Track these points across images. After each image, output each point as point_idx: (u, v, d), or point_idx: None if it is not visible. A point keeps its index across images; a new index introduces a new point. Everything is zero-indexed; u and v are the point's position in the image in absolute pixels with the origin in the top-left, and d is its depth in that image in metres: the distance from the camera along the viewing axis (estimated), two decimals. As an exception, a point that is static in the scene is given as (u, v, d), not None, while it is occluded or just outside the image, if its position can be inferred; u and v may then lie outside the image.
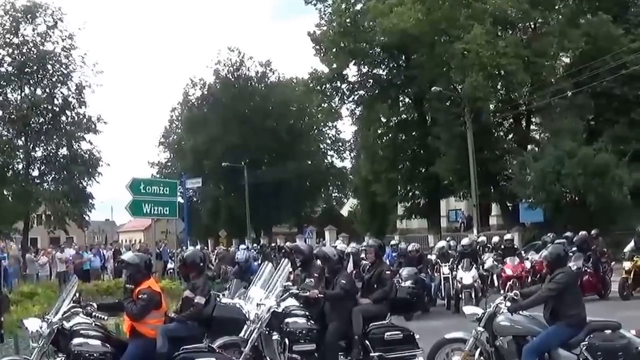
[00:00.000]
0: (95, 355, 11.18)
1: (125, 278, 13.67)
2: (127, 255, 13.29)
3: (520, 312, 11.95)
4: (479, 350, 12.02)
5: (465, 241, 26.55)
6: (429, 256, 28.61)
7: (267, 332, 12.75)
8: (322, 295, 13.49)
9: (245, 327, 12.68)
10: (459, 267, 24.29)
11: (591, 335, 11.33)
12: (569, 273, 12.13)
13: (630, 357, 11.10)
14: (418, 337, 13.62)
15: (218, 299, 13.68)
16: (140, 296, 11.54)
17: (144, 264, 12.24)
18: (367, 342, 13.27)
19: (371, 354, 13.20)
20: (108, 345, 11.43)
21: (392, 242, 34.82)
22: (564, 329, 11.44)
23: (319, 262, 14.88)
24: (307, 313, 13.45)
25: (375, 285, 14.24)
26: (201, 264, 13.39)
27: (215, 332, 12.69)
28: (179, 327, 12.13)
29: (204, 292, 12.60)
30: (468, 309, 13.37)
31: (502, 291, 22.68)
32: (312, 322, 13.29)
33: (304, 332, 13.03)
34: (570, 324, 11.44)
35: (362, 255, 22.61)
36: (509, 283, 24.71)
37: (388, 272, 14.71)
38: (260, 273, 14.51)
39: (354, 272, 20.69)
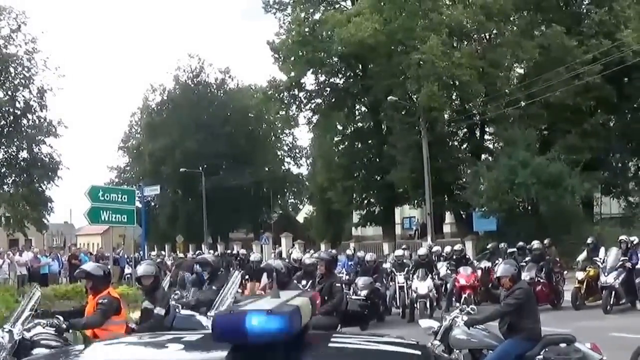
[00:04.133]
0: None
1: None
2: (89, 266, 12.91)
3: (477, 326, 11.76)
4: None
5: (421, 251, 26.37)
6: (384, 264, 28.22)
7: None
8: None
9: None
10: (414, 276, 24.08)
11: (546, 349, 11.21)
12: (526, 289, 12.07)
13: None
14: None
15: (177, 310, 13.03)
16: (100, 301, 11.21)
17: (104, 273, 11.96)
18: None
19: None
20: None
21: (348, 252, 34.32)
22: (519, 343, 11.28)
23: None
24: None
25: (326, 298, 14.05)
26: (157, 275, 12.89)
27: None
28: None
29: (164, 303, 12.18)
30: (424, 322, 13.31)
31: (457, 303, 22.15)
32: None
33: None
34: (526, 337, 11.30)
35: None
36: (464, 295, 24.26)
37: (338, 285, 14.64)
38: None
39: (310, 281, 20.24)
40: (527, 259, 25.77)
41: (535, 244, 26.35)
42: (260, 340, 3.91)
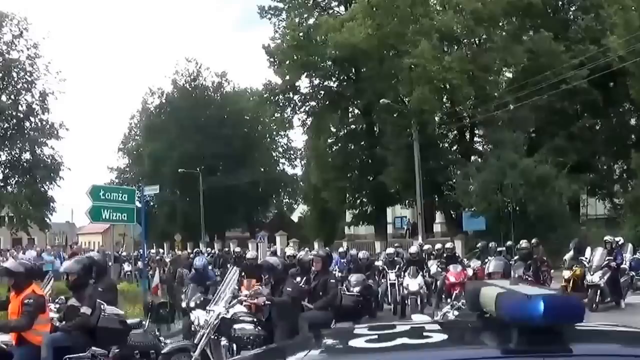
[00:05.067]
0: None
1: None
2: (10, 263, 12.73)
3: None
4: None
5: (413, 249, 26.36)
6: (375, 262, 28.16)
7: (215, 338, 12.34)
8: (269, 303, 13.33)
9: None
10: (406, 274, 24.08)
11: None
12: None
13: None
14: None
15: (103, 307, 12.86)
16: (25, 302, 10.88)
17: (27, 270, 11.66)
18: None
19: None
20: None
21: (340, 250, 34.29)
22: None
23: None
24: (254, 319, 13.19)
25: (320, 293, 14.26)
26: (83, 274, 12.47)
27: (99, 342, 11.79)
28: (64, 336, 11.44)
29: (91, 302, 11.83)
30: (416, 317, 12.85)
31: (448, 299, 22.12)
32: (260, 328, 13.04)
33: (251, 337, 12.69)
34: None
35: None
36: (454, 292, 24.20)
37: (333, 281, 14.74)
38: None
39: (305, 278, 20.22)
40: (515, 257, 25.77)
41: (523, 243, 26.30)
42: (551, 323, 4.16)
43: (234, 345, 12.45)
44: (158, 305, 13.78)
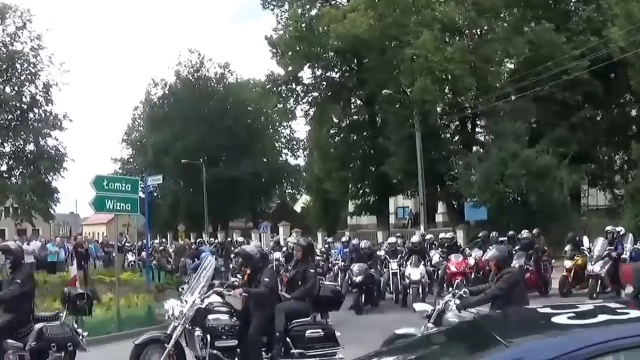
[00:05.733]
0: None
1: None
2: None
3: (468, 309, 11.86)
4: None
5: (414, 239, 26.50)
6: (378, 252, 28.25)
7: (190, 328, 12.55)
8: (246, 294, 13.15)
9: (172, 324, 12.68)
10: (408, 263, 24.23)
11: None
12: (515, 273, 12.26)
13: None
14: (339, 334, 13.35)
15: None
16: None
17: None
18: (288, 339, 12.98)
19: (292, 351, 12.93)
20: None
21: (343, 239, 34.37)
22: None
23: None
24: (230, 309, 13.08)
25: (299, 283, 13.92)
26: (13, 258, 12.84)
27: None
28: None
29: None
30: (418, 306, 13.38)
31: (449, 288, 22.24)
32: (235, 318, 12.89)
33: (226, 328, 12.61)
34: None
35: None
36: (456, 281, 24.38)
37: (312, 271, 14.29)
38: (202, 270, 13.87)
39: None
40: (516, 247, 25.87)
41: (525, 233, 26.47)
42: None
43: (208, 336, 12.36)
44: (75, 297, 13.55)
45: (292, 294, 13.71)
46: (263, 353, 12.79)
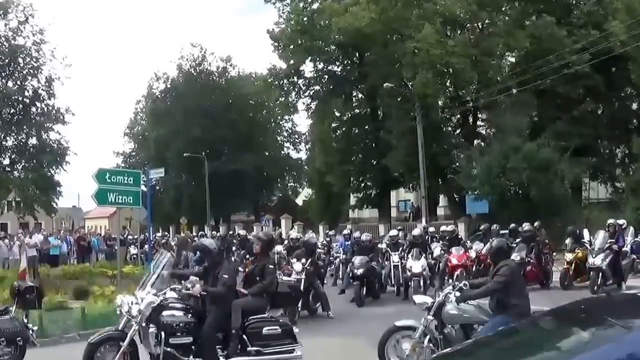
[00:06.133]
0: None
1: None
2: None
3: (468, 301, 11.95)
4: (428, 337, 11.94)
5: (416, 231, 26.53)
6: (379, 245, 28.25)
7: (144, 325, 12.07)
8: (205, 292, 12.58)
9: (124, 320, 12.24)
10: (409, 256, 24.27)
11: None
12: (512, 266, 12.24)
13: None
14: (297, 331, 13.01)
15: None
16: None
17: None
18: (245, 336, 12.59)
19: (249, 349, 12.53)
20: None
21: (345, 232, 34.41)
22: (509, 319, 11.13)
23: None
24: (185, 305, 12.57)
25: (257, 278, 13.58)
26: None
27: None
28: None
29: None
30: (418, 298, 13.29)
31: (450, 280, 22.28)
32: (190, 314, 12.42)
33: (180, 325, 12.18)
34: (515, 314, 11.25)
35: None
36: (456, 273, 24.41)
37: (271, 267, 14.05)
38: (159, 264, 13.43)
39: (310, 259, 20.26)
40: (517, 240, 25.88)
41: (526, 226, 26.45)
42: None
43: (162, 333, 11.99)
44: (25, 290, 13.41)
45: (250, 290, 13.37)
46: (219, 350, 12.47)
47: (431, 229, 32.52)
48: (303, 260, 20.19)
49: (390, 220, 59.21)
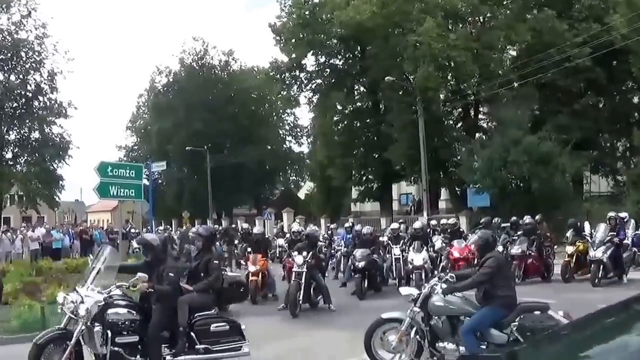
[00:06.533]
0: None
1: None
2: None
3: (454, 293, 11.96)
4: (414, 329, 12.00)
5: (417, 224, 26.48)
6: (380, 238, 28.22)
7: (89, 324, 11.43)
8: (152, 290, 12.01)
9: (66, 318, 11.58)
10: (410, 248, 24.26)
11: (521, 316, 11.39)
12: (498, 257, 12.24)
13: None
14: (244, 327, 12.61)
15: None
16: None
17: None
18: (192, 333, 12.22)
19: (197, 346, 12.18)
20: None
21: (346, 225, 34.41)
22: (496, 310, 11.51)
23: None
24: (130, 302, 12.12)
25: (202, 274, 13.13)
26: None
27: None
28: None
29: None
30: (404, 290, 13.29)
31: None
32: (135, 312, 11.88)
33: (126, 323, 11.66)
34: (501, 305, 11.51)
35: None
36: (458, 266, 24.42)
37: (216, 262, 13.48)
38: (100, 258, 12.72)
39: (311, 252, 20.22)
40: (518, 233, 25.88)
41: (527, 218, 26.40)
42: None
43: (109, 332, 11.41)
44: None
45: (195, 286, 12.90)
46: (166, 349, 12.06)
47: (433, 222, 32.53)
48: (304, 253, 20.13)
49: (392, 214, 59.14)
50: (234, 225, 51.16)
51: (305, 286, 19.33)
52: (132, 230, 48.42)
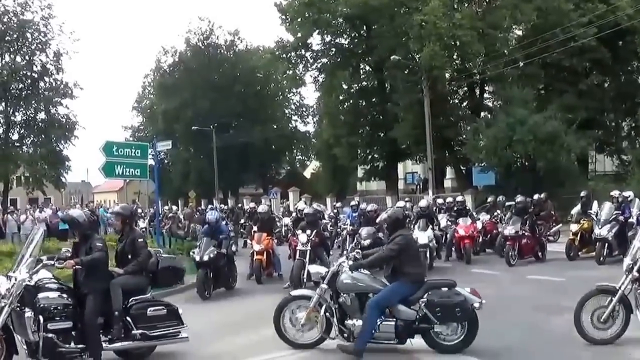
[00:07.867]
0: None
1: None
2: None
3: (362, 270, 12.01)
4: (324, 307, 11.96)
5: (422, 203, 26.34)
6: (385, 215, 28.10)
7: (18, 309, 10.63)
8: (79, 266, 11.27)
9: None
10: (416, 227, 24.08)
11: (429, 293, 11.53)
12: (406, 235, 12.42)
13: (465, 312, 11.38)
14: (182, 312, 12.13)
15: None
16: None
17: None
18: (128, 318, 11.54)
19: (133, 332, 11.50)
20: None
21: (352, 203, 34.44)
22: (404, 286, 11.65)
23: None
24: (61, 286, 11.26)
25: (129, 256, 12.20)
26: None
27: None
28: None
29: None
30: (313, 268, 13.55)
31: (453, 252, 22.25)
32: (67, 296, 11.06)
33: (59, 308, 10.84)
34: (410, 281, 11.67)
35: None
36: (464, 245, 24.44)
37: (141, 241, 12.54)
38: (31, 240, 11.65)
39: (315, 231, 20.19)
40: (512, 211, 25.65)
41: (519, 198, 26.00)
42: None
43: (40, 318, 10.56)
44: None
45: (125, 268, 12.02)
46: (102, 336, 11.34)
47: (439, 200, 32.45)
48: (308, 232, 20.11)
49: (398, 192, 59.15)
50: (240, 205, 51.19)
51: (309, 264, 19.29)
52: (139, 210, 48.52)
